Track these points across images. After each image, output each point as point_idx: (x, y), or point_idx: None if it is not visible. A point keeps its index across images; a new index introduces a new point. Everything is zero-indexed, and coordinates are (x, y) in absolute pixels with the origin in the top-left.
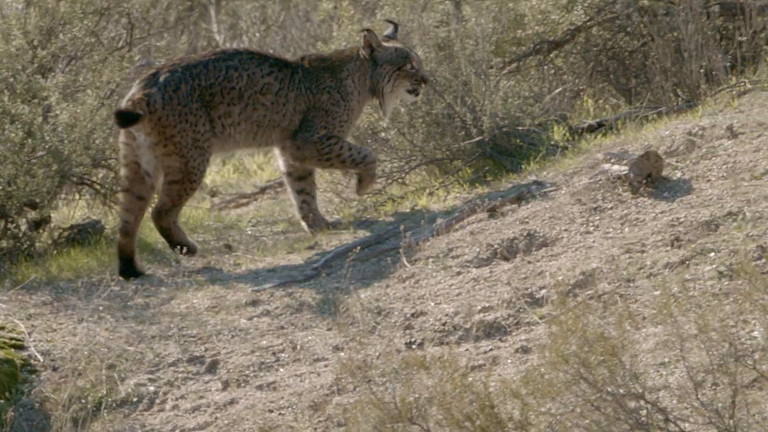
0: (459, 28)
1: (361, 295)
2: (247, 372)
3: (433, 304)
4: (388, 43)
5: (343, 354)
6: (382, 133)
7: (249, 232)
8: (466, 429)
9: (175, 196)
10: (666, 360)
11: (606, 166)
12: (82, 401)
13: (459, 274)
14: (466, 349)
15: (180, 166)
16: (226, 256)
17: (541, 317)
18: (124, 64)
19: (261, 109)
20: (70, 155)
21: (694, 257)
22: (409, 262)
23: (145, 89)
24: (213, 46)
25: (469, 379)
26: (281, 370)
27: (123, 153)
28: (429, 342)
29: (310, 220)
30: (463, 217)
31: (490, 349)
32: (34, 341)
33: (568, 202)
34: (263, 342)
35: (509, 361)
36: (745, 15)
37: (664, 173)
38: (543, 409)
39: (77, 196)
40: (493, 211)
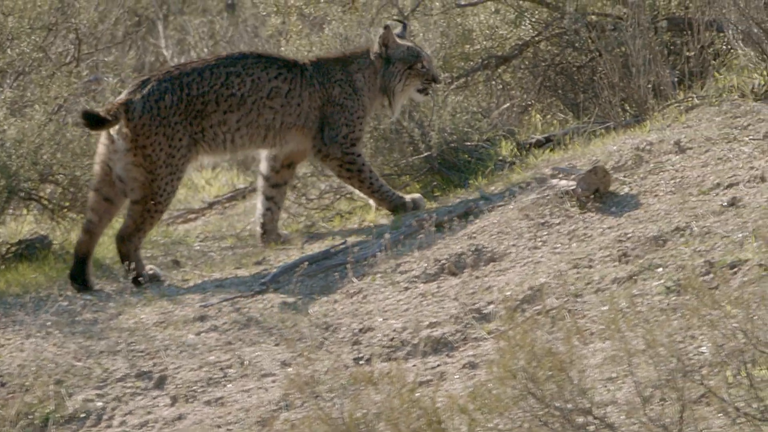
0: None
1: (309, 311)
2: (195, 387)
3: (380, 320)
4: (399, 41)
5: (290, 369)
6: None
7: (197, 248)
8: None
9: (137, 218)
10: (614, 375)
11: (554, 182)
12: (30, 417)
13: (407, 289)
14: (414, 365)
15: (144, 181)
16: (174, 272)
17: (489, 332)
18: (72, 80)
19: (269, 112)
20: (17, 171)
21: (641, 272)
22: (357, 278)
23: (129, 95)
24: (161, 62)
25: (417, 394)
26: (229, 386)
27: (99, 151)
28: (377, 357)
29: (267, 229)
30: (411, 233)
31: (438, 365)
32: None
33: (516, 217)
34: (211, 357)
35: (457, 376)
36: (692, 30)
37: (612, 188)
38: (491, 425)
39: (25, 212)
40: (440, 226)
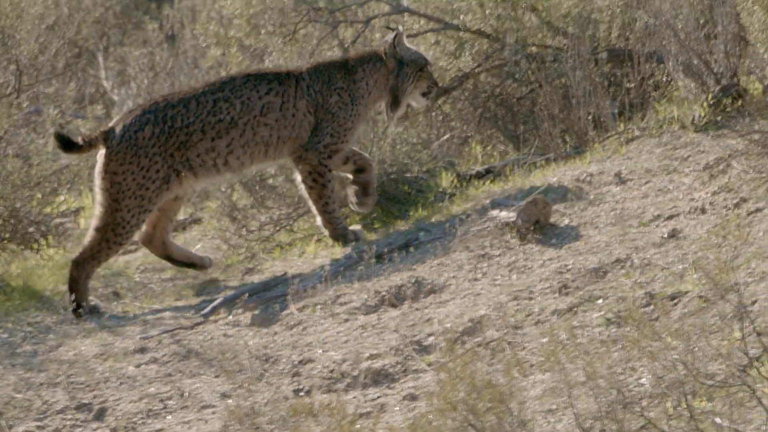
0: None
1: (249, 342)
2: (135, 419)
3: (320, 351)
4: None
5: (230, 401)
6: (270, 180)
7: (137, 279)
8: None
9: (95, 246)
10: (554, 407)
11: (494, 213)
12: None
13: (347, 321)
14: (354, 397)
15: (108, 209)
16: (114, 303)
17: (429, 364)
18: (12, 111)
19: (264, 129)
20: None
21: (581, 304)
22: (297, 309)
23: (116, 123)
24: (101, 93)
25: (357, 426)
26: (169, 418)
27: None
28: (317, 389)
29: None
30: (351, 264)
31: (378, 397)
32: None
33: (456, 249)
34: (151, 389)
35: (397, 408)
36: (632, 62)
37: (552, 220)
38: None
39: None
40: (380, 257)
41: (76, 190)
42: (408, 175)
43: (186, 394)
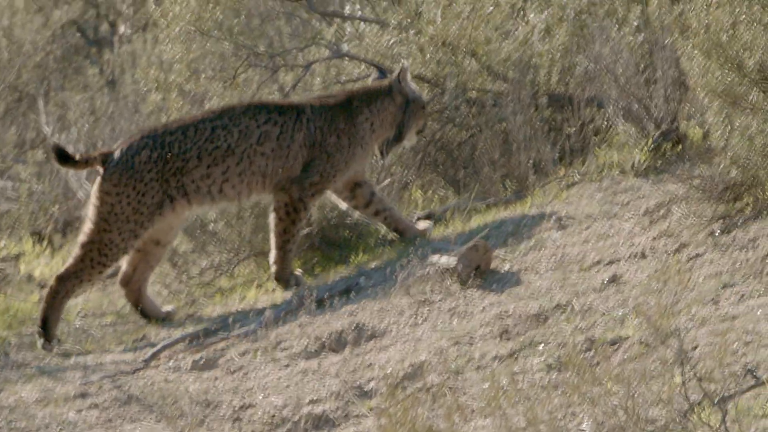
0: None
1: (190, 387)
2: None
3: (261, 397)
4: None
5: None
6: (211, 225)
7: (77, 325)
8: None
9: (79, 262)
10: None
11: (434, 258)
12: None
13: (287, 366)
14: None
15: (97, 228)
16: (55, 349)
17: (370, 409)
18: None
19: (260, 159)
20: None
21: (522, 349)
22: (238, 354)
23: (118, 146)
24: (42, 138)
25: None
26: None
27: None
28: None
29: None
30: (292, 309)
31: None
32: None
33: (397, 294)
34: None
35: None
36: (573, 106)
37: (493, 265)
38: None
39: None
40: (321, 303)
41: (16, 236)
42: (348, 220)
43: None
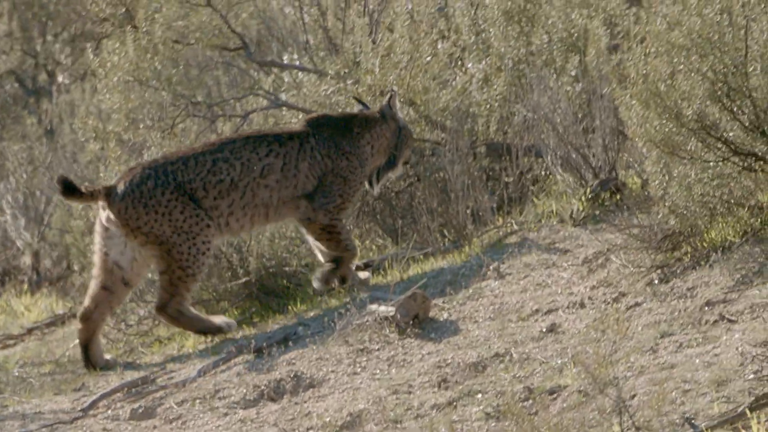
0: None
1: None
2: None
3: None
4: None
5: None
6: (149, 275)
7: (16, 374)
8: None
9: (167, 286)
10: None
11: (373, 307)
12: None
13: (226, 415)
14: None
15: (162, 254)
16: None
17: None
18: None
19: (264, 191)
20: None
21: (461, 398)
22: (176, 403)
23: (119, 180)
24: None
25: None
26: None
27: (95, 240)
28: None
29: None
30: (230, 358)
31: None
32: None
33: (335, 343)
34: None
35: None
36: (511, 156)
37: (431, 314)
38: None
39: None
40: (259, 352)
41: None
42: (287, 269)
43: None
